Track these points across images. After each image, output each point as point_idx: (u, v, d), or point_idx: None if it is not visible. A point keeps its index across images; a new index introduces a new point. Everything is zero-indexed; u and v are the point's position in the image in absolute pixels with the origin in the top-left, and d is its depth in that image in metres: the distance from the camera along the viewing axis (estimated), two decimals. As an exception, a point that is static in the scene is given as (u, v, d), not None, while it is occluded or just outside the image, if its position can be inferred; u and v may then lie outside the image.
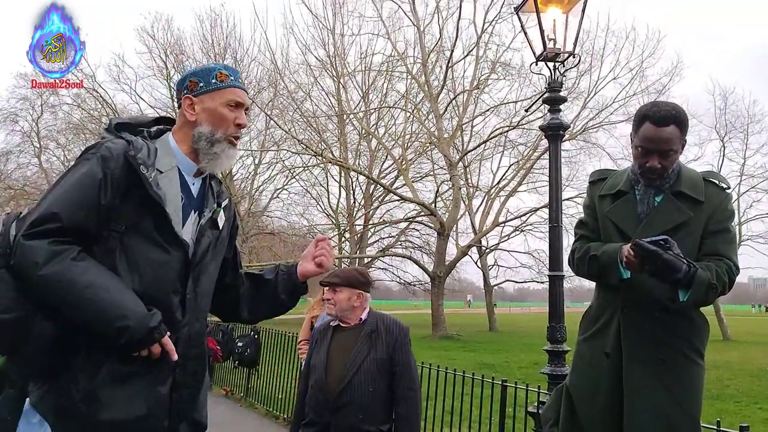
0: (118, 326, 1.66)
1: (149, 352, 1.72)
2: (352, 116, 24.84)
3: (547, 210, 4.98)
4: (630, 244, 2.23)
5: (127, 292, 1.71)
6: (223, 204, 2.01)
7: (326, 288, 3.22)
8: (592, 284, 2.68)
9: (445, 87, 23.04)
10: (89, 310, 1.65)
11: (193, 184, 1.93)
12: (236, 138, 1.94)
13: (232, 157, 1.95)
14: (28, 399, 1.75)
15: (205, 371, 1.99)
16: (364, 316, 3.18)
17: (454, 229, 26.53)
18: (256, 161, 27.93)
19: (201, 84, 1.93)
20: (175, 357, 1.76)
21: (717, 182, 2.44)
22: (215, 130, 1.90)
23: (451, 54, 22.09)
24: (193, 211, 1.90)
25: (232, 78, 1.95)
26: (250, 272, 2.20)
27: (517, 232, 29.49)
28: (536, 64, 4.33)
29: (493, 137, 24.97)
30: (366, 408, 2.99)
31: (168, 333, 1.75)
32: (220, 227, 1.98)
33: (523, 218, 27.88)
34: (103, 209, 1.73)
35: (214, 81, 1.92)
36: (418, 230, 29.73)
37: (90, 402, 1.67)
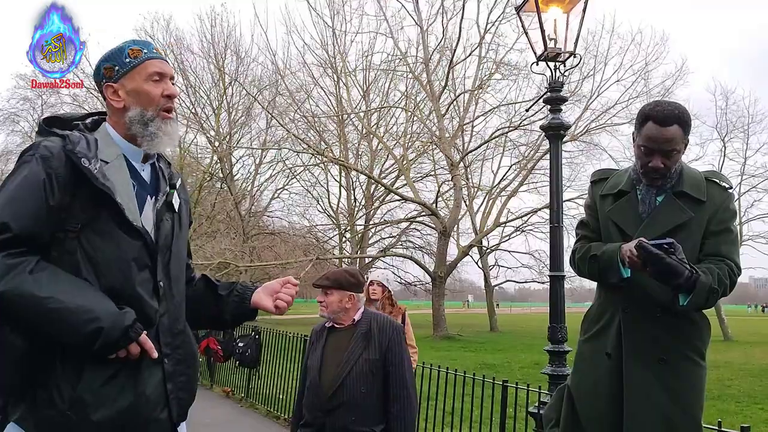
0: (90, 330, 1.58)
1: (128, 352, 1.65)
2: (353, 116, 24.83)
3: (547, 210, 4.98)
4: (634, 244, 2.23)
5: (94, 294, 1.63)
6: (177, 184, 1.93)
7: (321, 290, 3.22)
8: (593, 285, 2.67)
9: (447, 87, 23.02)
10: (55, 320, 1.57)
11: (143, 170, 1.86)
12: (169, 110, 1.85)
13: (171, 134, 1.85)
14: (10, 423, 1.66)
15: (195, 355, 1.93)
16: (357, 316, 3.17)
17: (455, 229, 26.51)
18: (257, 161, 27.97)
19: (116, 68, 1.84)
20: (155, 355, 1.69)
21: (719, 182, 2.43)
22: (145, 110, 1.81)
23: (453, 54, 22.08)
24: (149, 197, 1.83)
25: (145, 51, 1.85)
26: (206, 277, 2.10)
27: (518, 233, 29.52)
28: (537, 64, 4.34)
29: (495, 137, 24.96)
30: (358, 409, 2.98)
31: (144, 331, 1.68)
32: (176, 209, 1.90)
33: (524, 218, 27.88)
34: (54, 210, 1.65)
35: (128, 60, 1.83)
36: (419, 230, 29.74)
37: (78, 408, 1.61)
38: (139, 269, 1.73)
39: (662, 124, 2.30)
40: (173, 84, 1.90)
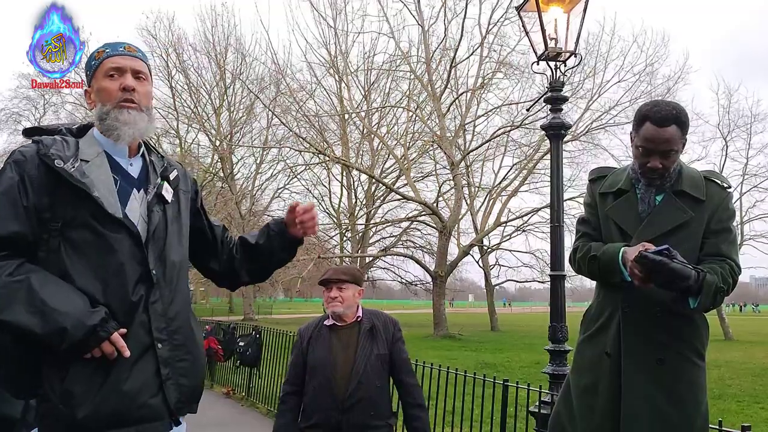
0: (55, 331, 1.63)
1: (102, 352, 1.68)
2: (354, 115, 24.82)
3: (548, 210, 4.98)
4: (634, 258, 2.19)
5: (63, 296, 1.67)
6: (172, 176, 1.98)
7: (333, 286, 3.19)
8: (594, 284, 2.67)
9: (449, 87, 23.00)
10: (24, 322, 1.62)
11: (132, 164, 1.91)
12: (128, 101, 1.86)
13: (130, 122, 1.85)
14: None
15: (196, 340, 1.95)
16: (360, 313, 3.21)
17: (456, 228, 26.50)
18: (258, 160, 27.97)
19: (88, 72, 1.91)
20: (127, 354, 1.70)
21: (718, 182, 2.43)
22: (103, 105, 1.86)
23: (455, 53, 22.05)
24: (135, 190, 1.87)
25: (108, 50, 1.90)
26: (242, 237, 2.24)
27: (519, 232, 29.44)
28: (538, 64, 4.34)
29: (496, 137, 24.92)
30: (375, 404, 3.03)
31: (120, 329, 1.70)
32: (168, 200, 1.93)
33: (525, 218, 27.84)
34: (32, 211, 1.71)
35: (93, 63, 1.90)
36: (419, 230, 29.72)
37: (67, 401, 1.66)
38: (124, 259, 1.76)
39: (660, 125, 2.30)
40: (142, 78, 1.92)
